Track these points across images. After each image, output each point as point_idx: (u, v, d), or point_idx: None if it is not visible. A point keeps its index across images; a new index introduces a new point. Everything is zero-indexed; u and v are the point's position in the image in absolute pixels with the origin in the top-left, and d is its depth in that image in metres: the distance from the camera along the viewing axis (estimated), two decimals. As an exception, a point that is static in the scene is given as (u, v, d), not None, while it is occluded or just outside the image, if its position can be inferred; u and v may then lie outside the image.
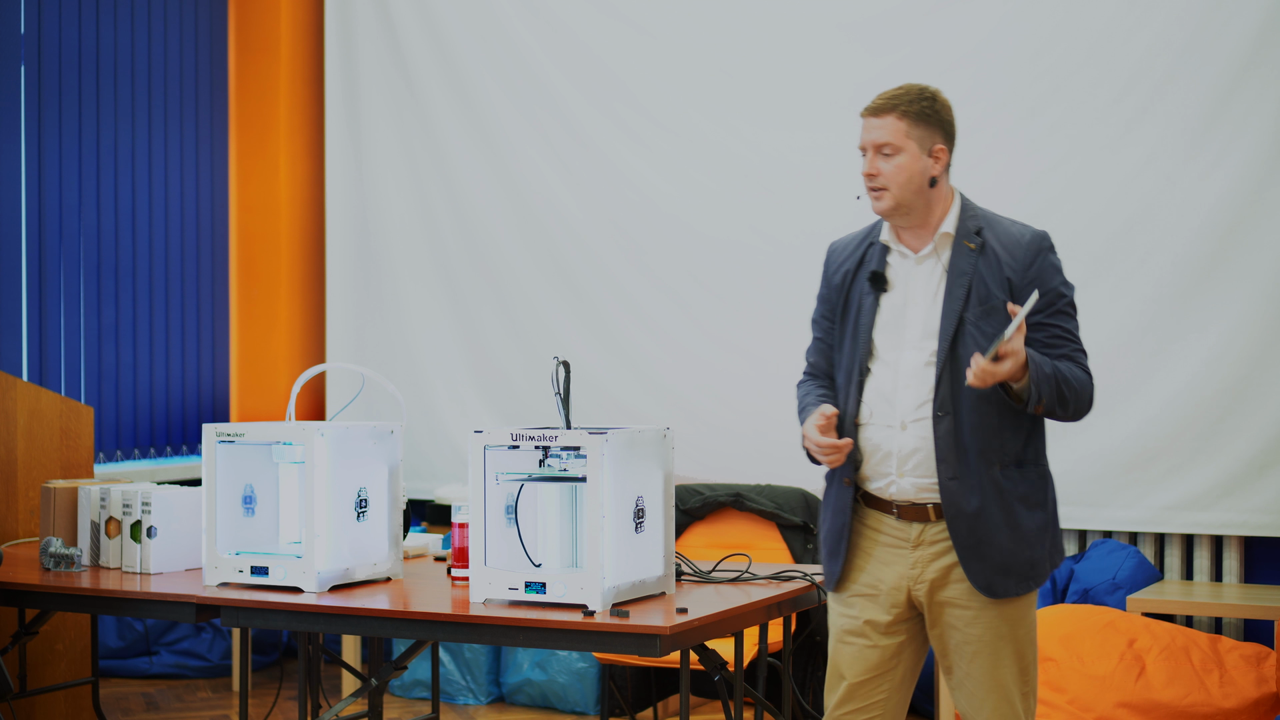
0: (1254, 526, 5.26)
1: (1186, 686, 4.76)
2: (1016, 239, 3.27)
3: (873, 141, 3.27)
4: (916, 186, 3.26)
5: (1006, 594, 3.23)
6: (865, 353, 3.32)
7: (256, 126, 6.93)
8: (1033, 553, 3.25)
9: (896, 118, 3.25)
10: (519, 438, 3.47)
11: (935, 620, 3.30)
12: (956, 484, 3.21)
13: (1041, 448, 3.32)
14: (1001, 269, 3.24)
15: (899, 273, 3.34)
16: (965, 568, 3.22)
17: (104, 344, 6.39)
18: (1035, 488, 3.28)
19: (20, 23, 6.05)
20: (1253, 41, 5.21)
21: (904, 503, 3.29)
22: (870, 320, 3.32)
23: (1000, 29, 5.60)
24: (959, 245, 3.27)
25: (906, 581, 3.30)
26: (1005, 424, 3.22)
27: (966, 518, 3.21)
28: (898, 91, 3.29)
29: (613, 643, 3.30)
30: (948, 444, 3.21)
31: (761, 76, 6.00)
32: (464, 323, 6.58)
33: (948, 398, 3.21)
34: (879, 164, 3.26)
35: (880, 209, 3.29)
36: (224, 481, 3.85)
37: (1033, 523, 3.25)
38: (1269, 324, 5.21)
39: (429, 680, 5.52)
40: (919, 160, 3.25)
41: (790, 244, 5.95)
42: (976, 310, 3.22)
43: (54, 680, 4.94)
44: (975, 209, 3.33)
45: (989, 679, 3.26)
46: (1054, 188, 5.48)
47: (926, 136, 3.26)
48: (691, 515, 5.44)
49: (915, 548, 3.29)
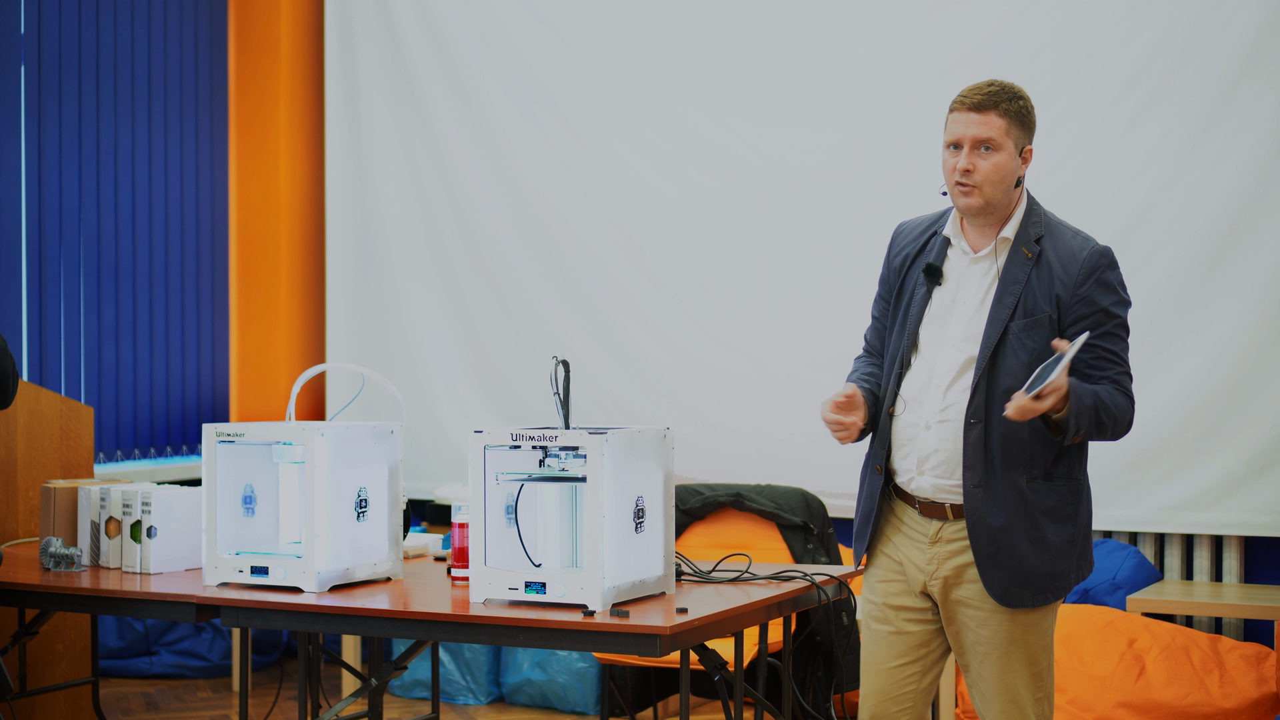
0: (1254, 526, 5.26)
1: (1186, 686, 4.75)
2: (1074, 254, 3.20)
3: (974, 137, 3.18)
4: (1006, 187, 3.20)
5: (1022, 605, 3.21)
6: (909, 345, 3.30)
7: (256, 126, 6.93)
8: (1055, 566, 3.21)
9: (998, 115, 3.18)
10: (519, 438, 3.47)
11: (951, 618, 3.31)
12: (981, 492, 3.19)
13: (1076, 461, 3.26)
14: (1054, 283, 3.18)
15: (955, 269, 3.29)
16: (983, 575, 3.21)
17: (104, 344, 6.39)
18: (1064, 501, 3.22)
19: (20, 23, 6.05)
20: (1253, 41, 5.21)
21: (924, 499, 3.29)
22: (919, 313, 3.30)
23: (1000, 29, 5.60)
24: (1016, 251, 3.22)
25: (924, 575, 3.30)
26: (1037, 438, 3.18)
27: (988, 527, 3.19)
28: (994, 88, 3.20)
29: (613, 643, 3.30)
30: (976, 452, 3.18)
31: (761, 76, 6.00)
32: (464, 322, 6.59)
33: (981, 406, 3.18)
34: (976, 160, 3.18)
35: (969, 206, 3.21)
36: (224, 481, 3.84)
37: (1058, 536, 3.21)
38: (1269, 324, 5.21)
39: (429, 680, 5.52)
40: (1013, 160, 3.20)
41: (790, 244, 5.95)
42: (1022, 322, 3.18)
43: (54, 680, 4.94)
44: (1041, 214, 3.27)
45: (998, 681, 3.26)
46: (1054, 188, 5.47)
47: (1022, 137, 3.21)
48: (691, 515, 5.44)
49: (933, 544, 3.29)
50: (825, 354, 5.52)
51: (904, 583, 3.34)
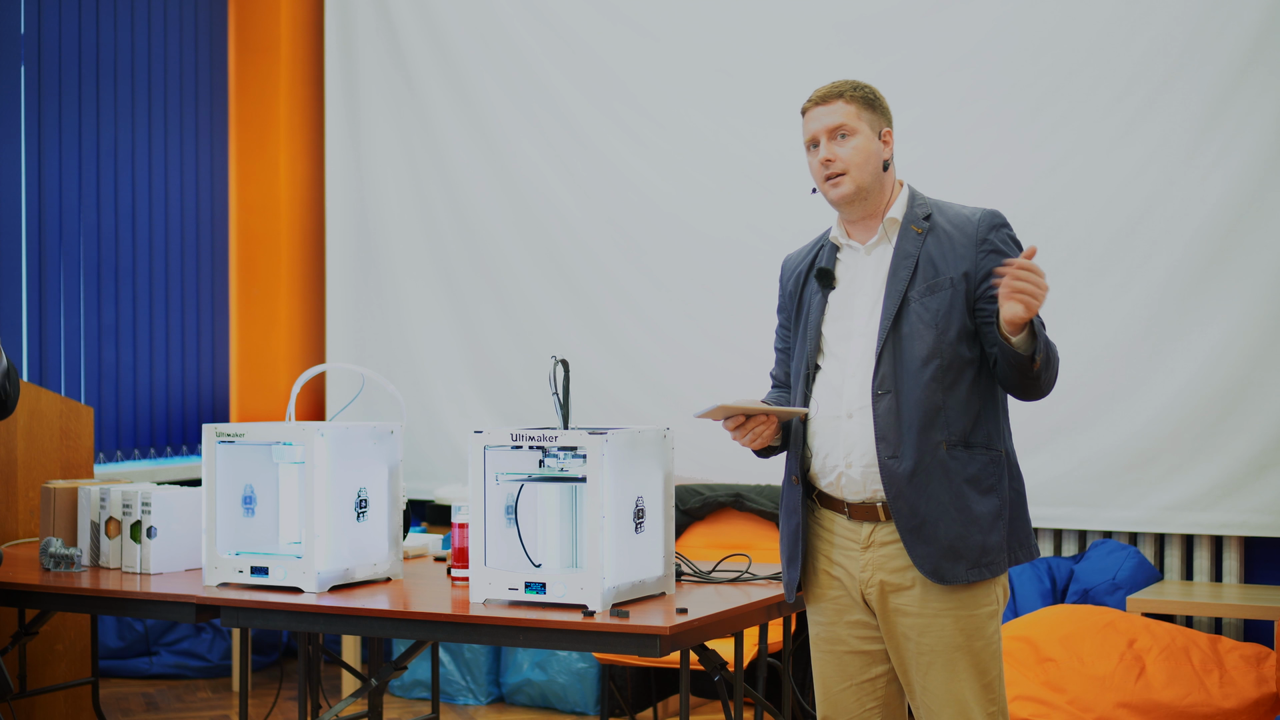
0: (1254, 526, 5.25)
1: (1186, 687, 4.75)
2: (967, 218, 3.18)
3: (826, 127, 3.22)
4: (873, 168, 3.20)
5: (956, 580, 3.07)
6: (814, 349, 3.26)
7: (256, 126, 6.93)
8: (985, 539, 3.09)
9: (845, 101, 3.22)
10: (519, 438, 3.47)
11: (890, 630, 3.17)
12: (896, 463, 3.09)
13: (995, 431, 3.16)
14: (954, 248, 3.15)
15: (848, 267, 3.27)
16: (911, 553, 3.08)
17: (104, 344, 6.39)
18: (987, 471, 3.12)
19: (20, 23, 6.05)
20: (1253, 41, 5.21)
21: (855, 501, 3.18)
22: (819, 316, 3.27)
23: (1000, 29, 5.60)
24: (906, 230, 3.20)
25: (859, 584, 3.18)
26: (950, 402, 3.10)
27: (908, 499, 3.08)
28: (836, 82, 3.27)
29: (613, 643, 3.30)
30: (888, 422, 3.10)
31: (761, 76, 6.00)
32: (464, 322, 6.59)
33: (889, 375, 3.12)
34: (835, 149, 3.20)
35: (842, 194, 3.21)
36: (224, 482, 3.84)
37: (984, 507, 3.10)
38: (1269, 324, 5.21)
39: (429, 680, 5.52)
40: (872, 142, 3.21)
41: (789, 244, 5.88)
42: (921, 288, 3.14)
43: (54, 680, 4.94)
44: (924, 197, 3.26)
45: (945, 693, 3.11)
46: (1055, 188, 5.48)
47: (875, 120, 3.23)
48: (691, 515, 5.44)
49: (865, 549, 3.17)
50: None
51: (848, 597, 3.21)
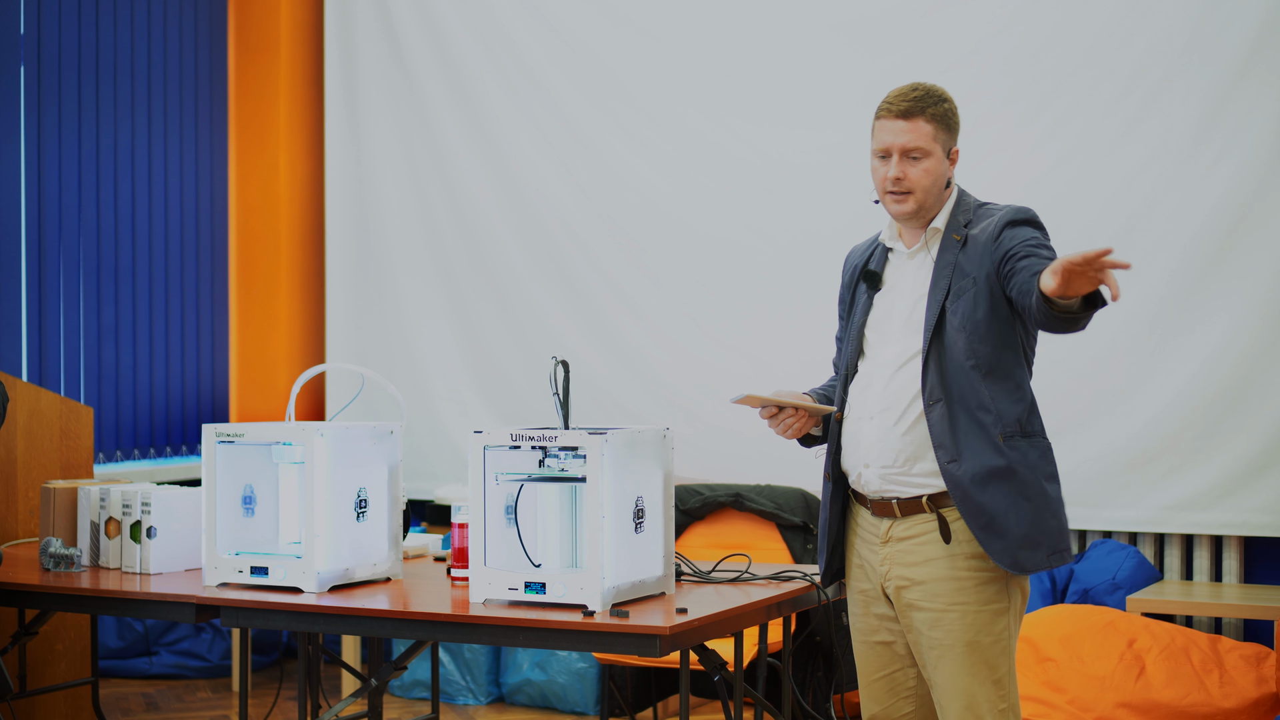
0: (1254, 526, 5.25)
1: (1186, 687, 4.75)
2: (993, 217, 3.20)
3: (902, 146, 3.18)
4: (938, 190, 3.22)
5: (1038, 567, 3.13)
6: (855, 350, 3.33)
7: (256, 126, 6.93)
8: (1059, 521, 3.17)
9: (925, 120, 3.18)
10: (519, 438, 3.47)
11: (907, 625, 3.26)
12: (955, 466, 3.13)
13: (1040, 421, 3.23)
14: (979, 250, 3.18)
15: (894, 269, 3.33)
16: (987, 549, 3.12)
17: (104, 344, 6.39)
18: (1046, 459, 3.19)
19: (20, 23, 6.05)
20: (1253, 41, 5.21)
21: (874, 497, 3.27)
22: (863, 319, 3.33)
23: (1000, 29, 5.60)
24: (947, 239, 3.23)
25: (880, 579, 3.28)
26: (998, 395, 3.15)
27: (973, 497, 3.13)
28: (919, 93, 3.20)
29: (613, 643, 3.30)
30: (943, 428, 3.14)
31: (760, 77, 6.00)
32: (464, 323, 6.59)
33: (936, 385, 3.16)
34: (907, 168, 3.19)
35: (903, 211, 3.23)
36: (224, 482, 3.84)
37: (1054, 492, 3.18)
38: (1270, 324, 5.21)
39: (429, 680, 5.52)
40: (942, 164, 3.21)
41: (789, 243, 5.95)
42: (954, 295, 3.18)
43: (54, 680, 4.94)
44: (970, 202, 3.28)
45: (954, 687, 3.17)
46: (1055, 188, 5.48)
47: (948, 140, 3.22)
48: (691, 515, 5.44)
49: (884, 544, 3.26)
50: (824, 353, 5.47)
51: (874, 589, 3.31)
